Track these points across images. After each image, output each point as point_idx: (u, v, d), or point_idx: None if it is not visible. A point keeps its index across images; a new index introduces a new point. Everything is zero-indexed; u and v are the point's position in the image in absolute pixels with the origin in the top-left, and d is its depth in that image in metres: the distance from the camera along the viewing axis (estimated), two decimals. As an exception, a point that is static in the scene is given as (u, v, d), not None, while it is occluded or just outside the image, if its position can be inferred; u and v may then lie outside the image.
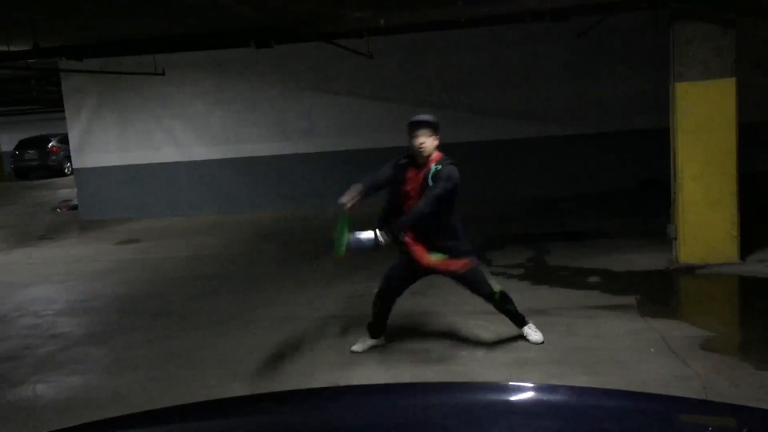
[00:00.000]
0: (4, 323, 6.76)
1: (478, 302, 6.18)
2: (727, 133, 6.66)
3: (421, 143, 4.75)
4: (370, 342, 5.22)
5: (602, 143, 11.64)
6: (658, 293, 6.28)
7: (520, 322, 5.18)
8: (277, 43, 9.16)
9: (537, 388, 1.86)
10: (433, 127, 4.80)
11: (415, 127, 4.80)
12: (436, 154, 4.85)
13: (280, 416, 1.79)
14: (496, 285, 5.08)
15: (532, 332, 5.13)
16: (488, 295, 5.03)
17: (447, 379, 4.48)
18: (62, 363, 5.49)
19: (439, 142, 4.84)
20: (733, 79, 6.60)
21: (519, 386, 1.84)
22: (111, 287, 7.86)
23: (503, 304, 5.09)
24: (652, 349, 4.82)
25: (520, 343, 5.13)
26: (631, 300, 5.94)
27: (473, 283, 5.02)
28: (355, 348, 5.19)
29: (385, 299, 5.13)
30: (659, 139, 7.98)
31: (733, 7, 6.65)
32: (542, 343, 5.06)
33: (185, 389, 4.76)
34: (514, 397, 1.80)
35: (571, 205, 10.68)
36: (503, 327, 5.48)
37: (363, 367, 4.93)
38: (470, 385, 2.81)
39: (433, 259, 4.83)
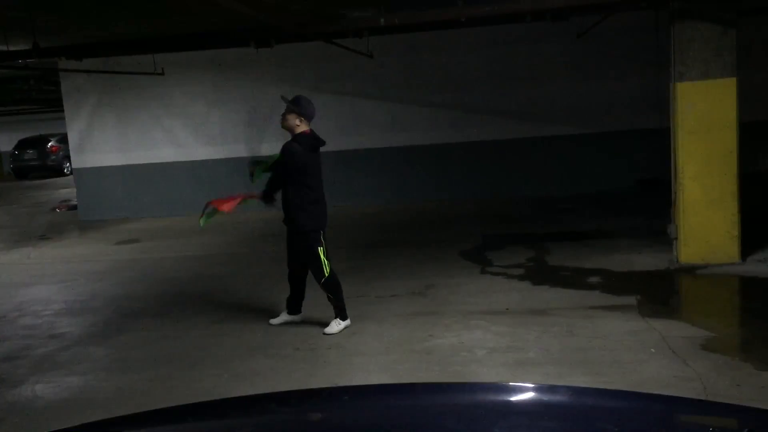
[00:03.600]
0: (3, 323, 6.76)
1: (479, 302, 6.20)
2: (727, 132, 6.66)
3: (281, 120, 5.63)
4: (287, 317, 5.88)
5: (602, 143, 11.65)
6: (659, 293, 6.28)
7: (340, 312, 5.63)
8: (277, 43, 9.16)
9: (537, 388, 1.86)
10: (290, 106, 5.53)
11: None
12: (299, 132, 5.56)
13: (280, 416, 1.79)
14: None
15: (335, 325, 5.58)
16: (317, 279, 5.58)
17: (447, 379, 4.48)
18: (62, 363, 5.48)
19: (299, 121, 5.53)
20: (734, 78, 6.60)
21: (519, 386, 1.83)
22: (110, 287, 7.86)
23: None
24: (652, 350, 4.82)
25: (520, 343, 5.13)
26: (631, 300, 5.94)
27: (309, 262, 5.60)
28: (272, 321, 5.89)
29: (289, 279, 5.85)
30: (659, 139, 7.98)
31: (733, 7, 6.65)
32: (334, 333, 5.52)
33: (185, 389, 4.75)
34: (514, 397, 1.80)
35: (571, 205, 10.68)
36: (503, 327, 5.49)
37: (363, 367, 4.93)
38: (470, 385, 2.80)
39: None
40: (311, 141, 5.56)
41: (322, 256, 5.53)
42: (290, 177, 5.51)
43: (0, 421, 4.52)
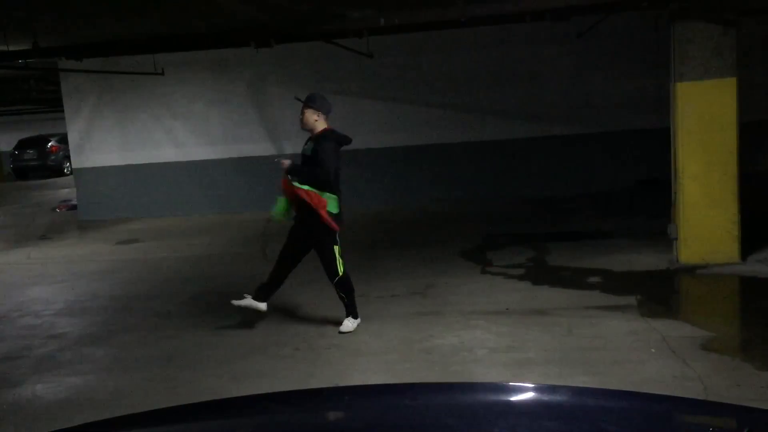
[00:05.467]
0: (3, 323, 6.75)
1: (479, 302, 6.20)
2: (727, 132, 6.66)
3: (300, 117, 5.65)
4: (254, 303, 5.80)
5: (602, 143, 11.64)
6: (659, 293, 6.27)
7: (352, 311, 5.63)
8: (277, 43, 9.15)
9: (537, 388, 1.86)
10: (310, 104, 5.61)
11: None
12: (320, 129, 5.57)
13: (280, 416, 1.79)
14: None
15: (349, 323, 5.58)
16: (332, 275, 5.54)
17: (447, 379, 4.48)
18: (62, 363, 5.48)
19: (318, 116, 5.60)
20: (734, 78, 6.59)
21: (519, 386, 1.83)
22: (110, 287, 7.85)
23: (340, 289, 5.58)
24: (652, 350, 4.82)
25: (520, 343, 5.13)
26: (631, 300, 5.94)
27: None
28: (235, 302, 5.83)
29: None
30: (659, 139, 7.98)
31: (733, 7, 6.65)
32: (350, 331, 5.54)
33: (185, 389, 4.75)
34: (514, 397, 1.80)
35: (571, 205, 10.68)
36: (503, 327, 5.49)
37: (363, 367, 4.93)
38: (470, 385, 2.80)
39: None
40: (339, 137, 5.59)
41: (337, 255, 5.52)
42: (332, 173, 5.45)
43: (0, 420, 4.52)
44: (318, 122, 5.57)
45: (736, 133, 6.66)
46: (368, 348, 5.27)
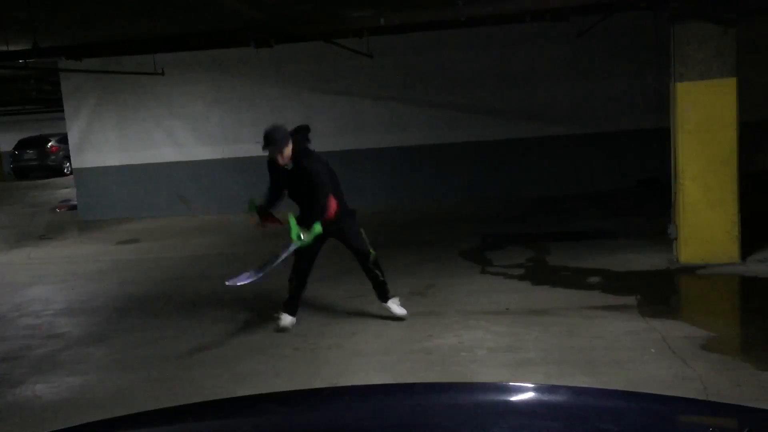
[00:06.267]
0: (3, 323, 6.76)
1: (479, 302, 6.21)
2: (727, 132, 6.66)
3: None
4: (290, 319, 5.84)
5: (602, 143, 11.64)
6: (659, 293, 6.27)
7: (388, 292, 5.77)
8: (277, 43, 9.15)
9: (537, 388, 1.86)
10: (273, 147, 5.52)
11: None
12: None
13: (280, 416, 1.79)
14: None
15: (395, 306, 5.73)
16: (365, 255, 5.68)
17: (447, 379, 4.48)
18: (62, 363, 5.48)
19: (287, 143, 5.51)
20: (734, 78, 6.60)
21: (519, 386, 1.83)
22: (111, 287, 7.85)
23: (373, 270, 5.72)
24: (652, 350, 4.82)
25: (520, 343, 5.13)
26: (631, 300, 5.94)
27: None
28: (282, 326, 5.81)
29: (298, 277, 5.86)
30: (659, 139, 7.99)
31: (733, 7, 6.65)
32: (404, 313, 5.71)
33: (185, 389, 4.75)
34: (514, 397, 1.79)
35: (571, 205, 10.68)
36: (503, 327, 5.49)
37: (363, 367, 4.93)
38: (470, 385, 2.80)
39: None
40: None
41: (364, 236, 5.73)
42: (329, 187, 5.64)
43: (0, 420, 4.52)
44: (289, 147, 5.56)
45: (736, 133, 6.66)
46: (368, 348, 5.28)
